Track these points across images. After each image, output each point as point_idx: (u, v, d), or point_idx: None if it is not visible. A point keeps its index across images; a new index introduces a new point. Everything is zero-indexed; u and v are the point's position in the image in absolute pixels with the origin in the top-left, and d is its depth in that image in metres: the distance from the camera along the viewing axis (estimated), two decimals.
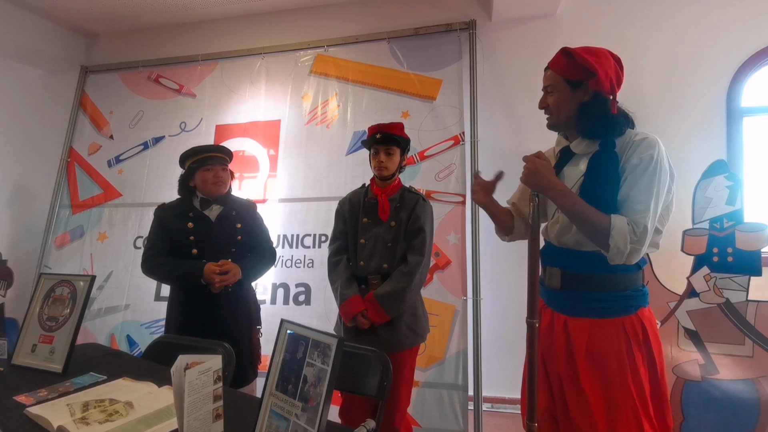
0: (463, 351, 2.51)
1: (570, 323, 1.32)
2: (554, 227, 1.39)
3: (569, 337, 1.32)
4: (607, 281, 1.30)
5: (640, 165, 1.22)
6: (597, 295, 1.30)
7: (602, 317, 1.28)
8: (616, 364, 1.25)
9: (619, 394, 1.23)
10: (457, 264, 2.59)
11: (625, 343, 1.26)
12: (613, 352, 1.25)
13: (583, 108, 1.32)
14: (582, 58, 1.29)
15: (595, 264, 1.30)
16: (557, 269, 1.36)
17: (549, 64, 1.40)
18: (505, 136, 2.86)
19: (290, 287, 2.83)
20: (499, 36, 2.91)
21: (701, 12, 2.62)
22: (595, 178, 1.27)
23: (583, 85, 1.31)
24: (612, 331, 1.27)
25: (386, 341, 1.79)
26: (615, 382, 1.24)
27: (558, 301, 1.38)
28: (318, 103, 3.04)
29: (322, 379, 0.94)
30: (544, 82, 1.41)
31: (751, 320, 2.07)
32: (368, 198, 1.95)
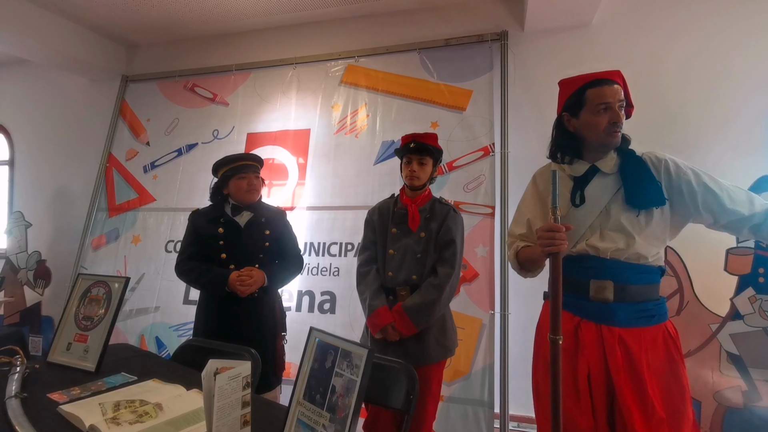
0: (489, 366, 2.44)
1: (625, 335, 1.33)
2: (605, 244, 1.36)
3: (629, 350, 1.31)
4: (652, 291, 1.37)
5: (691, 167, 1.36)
6: (645, 305, 1.35)
7: (651, 325, 1.34)
8: (669, 368, 1.30)
9: (679, 399, 1.28)
10: (485, 277, 2.54)
11: (672, 346, 1.34)
12: (666, 357, 1.32)
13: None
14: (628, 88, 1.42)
15: (645, 275, 1.36)
16: (609, 282, 1.35)
17: (617, 79, 1.41)
18: (536, 148, 2.78)
19: (315, 295, 2.83)
20: (532, 47, 2.88)
21: (737, 21, 2.52)
22: (639, 177, 1.34)
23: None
24: (660, 337, 1.34)
25: (414, 354, 1.76)
26: (673, 386, 1.29)
27: (610, 313, 1.35)
28: (347, 112, 3.06)
29: (351, 390, 0.93)
30: (617, 96, 1.38)
31: None
32: (398, 208, 1.94)
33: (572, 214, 1.43)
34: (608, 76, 1.40)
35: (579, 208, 1.41)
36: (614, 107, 1.37)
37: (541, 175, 1.59)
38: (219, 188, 2.06)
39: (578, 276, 1.41)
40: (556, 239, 1.26)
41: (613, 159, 1.41)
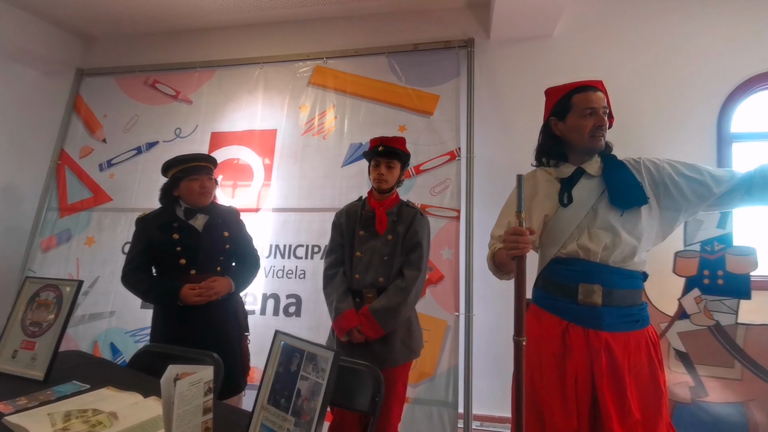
0: (453, 368, 2.48)
1: (611, 340, 1.36)
2: (595, 244, 1.39)
3: (613, 355, 1.35)
4: (636, 295, 1.42)
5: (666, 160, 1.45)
6: (630, 310, 1.39)
7: (635, 330, 1.39)
8: (650, 372, 1.36)
9: (655, 402, 1.33)
10: (450, 279, 2.58)
11: (653, 352, 1.39)
12: (647, 361, 1.36)
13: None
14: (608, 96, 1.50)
15: (631, 280, 1.41)
16: (598, 285, 1.38)
17: (600, 87, 1.48)
18: (501, 153, 2.89)
19: (281, 298, 2.79)
20: (497, 55, 2.96)
21: (693, 37, 2.70)
22: (620, 179, 1.42)
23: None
24: (642, 342, 1.38)
25: (380, 356, 1.77)
26: (650, 391, 1.34)
27: (598, 317, 1.38)
28: (315, 114, 3.04)
29: (316, 393, 0.92)
30: (599, 102, 1.46)
31: (740, 343, 2.08)
32: (366, 211, 1.94)
33: (560, 214, 1.46)
34: (593, 84, 1.47)
35: (567, 208, 1.45)
36: (599, 112, 1.44)
37: (526, 180, 1.60)
38: (169, 190, 1.95)
39: (567, 280, 1.43)
40: (520, 243, 1.29)
41: (597, 162, 1.47)
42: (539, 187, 1.54)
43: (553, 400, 1.38)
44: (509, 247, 1.31)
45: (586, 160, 1.48)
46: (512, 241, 1.31)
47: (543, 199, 1.51)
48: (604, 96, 1.46)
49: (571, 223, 1.43)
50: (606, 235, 1.39)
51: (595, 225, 1.41)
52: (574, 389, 1.36)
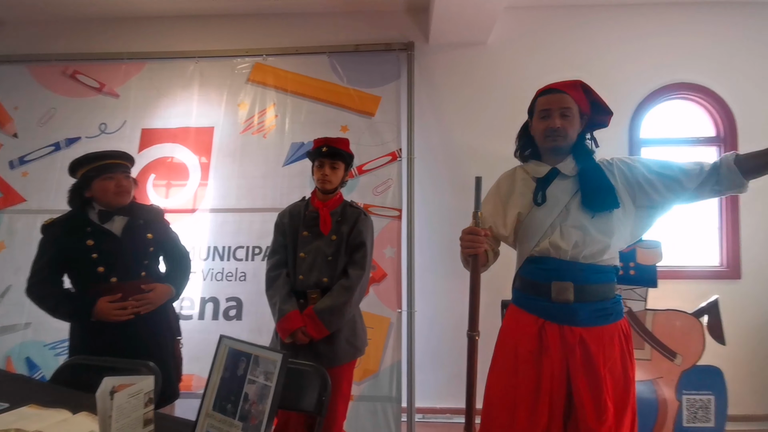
0: (397, 363, 2.55)
1: (586, 335, 1.39)
2: (566, 242, 1.42)
3: (588, 349, 1.39)
4: (608, 289, 1.45)
5: (638, 159, 1.51)
6: (603, 304, 1.42)
7: (608, 323, 1.42)
8: (621, 364, 1.41)
9: (624, 391, 1.39)
10: (393, 277, 2.64)
11: (625, 344, 1.43)
12: (619, 354, 1.41)
13: (581, 137, 1.53)
14: (598, 97, 1.51)
15: (602, 275, 1.43)
16: (569, 283, 1.41)
17: (564, 89, 1.48)
18: (441, 154, 2.99)
19: (220, 301, 2.70)
20: (436, 59, 3.06)
21: (610, 50, 2.96)
22: (595, 183, 1.44)
23: (584, 118, 1.52)
24: (616, 335, 1.42)
25: (325, 356, 1.78)
26: (621, 382, 1.40)
27: (571, 314, 1.41)
28: (255, 112, 2.97)
29: (264, 396, 0.92)
30: (558, 103, 1.47)
31: (649, 327, 2.33)
32: (309, 211, 1.94)
33: (534, 212, 1.49)
34: (557, 85, 1.50)
35: (540, 207, 1.48)
36: (553, 114, 1.46)
37: (505, 178, 1.65)
38: (79, 191, 1.79)
39: (540, 278, 1.47)
40: (475, 242, 1.35)
41: (572, 163, 1.50)
42: (516, 185, 1.58)
43: (527, 398, 1.41)
44: (464, 246, 1.37)
45: (560, 160, 1.51)
46: (467, 240, 1.37)
47: (518, 197, 1.55)
48: (567, 97, 1.47)
49: (544, 221, 1.47)
50: (577, 234, 1.42)
51: (567, 223, 1.44)
52: (549, 386, 1.40)
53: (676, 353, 2.30)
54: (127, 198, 1.84)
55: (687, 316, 2.33)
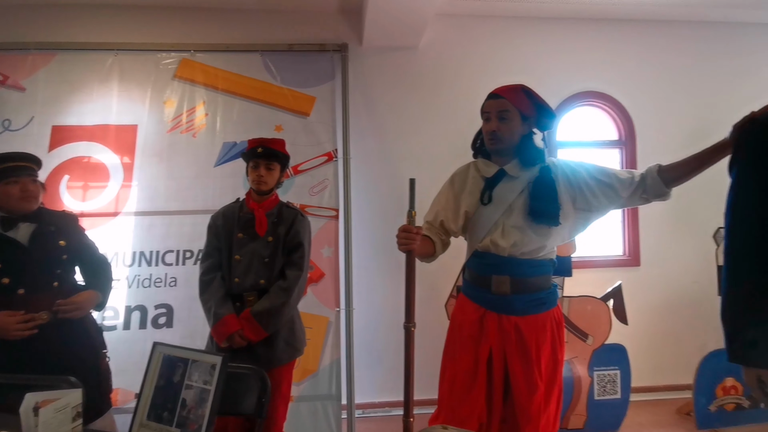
0: (336, 361, 2.58)
1: (521, 323, 1.54)
2: (505, 241, 1.54)
3: (522, 336, 1.54)
4: (544, 281, 1.60)
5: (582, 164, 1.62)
6: (538, 295, 1.57)
7: (541, 312, 1.57)
8: (551, 348, 1.57)
9: (553, 372, 1.57)
10: (331, 276, 2.67)
11: (556, 330, 1.60)
12: (550, 339, 1.58)
13: (525, 139, 1.59)
14: (541, 99, 1.60)
15: (539, 268, 1.58)
16: (506, 277, 1.55)
17: (503, 94, 1.57)
18: (376, 154, 3.06)
19: (148, 309, 2.56)
20: (370, 61, 3.12)
21: (531, 58, 3.20)
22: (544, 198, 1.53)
23: (529, 121, 1.58)
24: (548, 322, 1.58)
25: (264, 358, 1.77)
26: (551, 363, 1.57)
27: (507, 304, 1.56)
28: (183, 110, 2.85)
29: (204, 400, 0.92)
30: (496, 107, 1.56)
31: (566, 312, 2.56)
32: (244, 212, 1.91)
33: (480, 211, 1.60)
34: (498, 90, 1.60)
35: (487, 206, 1.58)
36: (492, 117, 1.56)
37: (459, 174, 1.74)
38: None
39: (482, 272, 1.61)
40: (409, 239, 1.43)
41: (517, 165, 1.58)
42: (468, 183, 1.67)
43: (465, 378, 1.56)
44: (400, 243, 1.44)
45: (507, 161, 1.60)
46: (402, 238, 1.44)
47: (468, 195, 1.65)
48: (505, 101, 1.55)
49: (489, 219, 1.57)
50: (516, 234, 1.54)
51: (509, 223, 1.55)
52: (485, 367, 1.55)
53: (588, 334, 2.56)
54: (33, 203, 1.71)
55: (596, 300, 2.60)
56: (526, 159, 1.59)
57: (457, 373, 1.61)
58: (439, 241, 1.67)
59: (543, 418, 1.54)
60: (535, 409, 1.52)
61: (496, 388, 1.57)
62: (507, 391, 1.59)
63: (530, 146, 1.60)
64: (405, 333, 1.37)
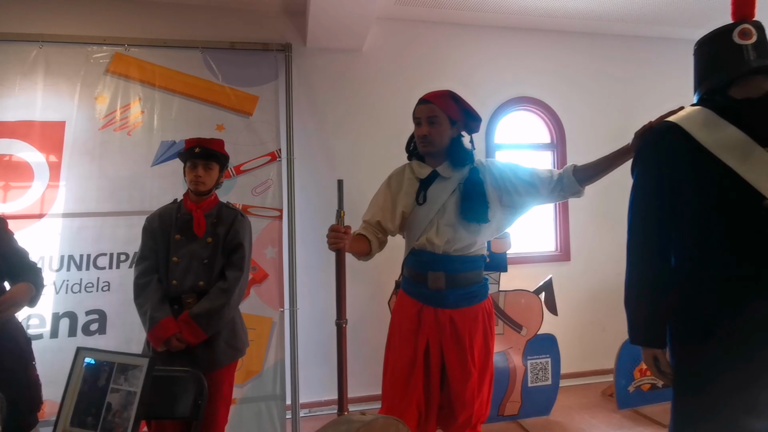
0: (280, 361, 2.58)
1: (455, 315, 1.65)
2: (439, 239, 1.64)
3: (456, 327, 1.65)
4: (476, 276, 1.70)
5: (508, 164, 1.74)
6: (470, 289, 1.68)
7: (474, 304, 1.68)
8: (483, 338, 1.69)
9: (485, 360, 1.69)
10: (275, 277, 2.66)
11: (487, 320, 1.72)
12: (482, 329, 1.69)
13: (454, 142, 1.70)
14: (467, 104, 1.71)
15: (471, 264, 1.68)
16: (441, 273, 1.65)
17: (431, 99, 1.66)
18: (321, 155, 3.08)
19: (78, 316, 2.44)
20: (314, 62, 3.13)
21: (470, 64, 3.34)
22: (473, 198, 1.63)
23: (458, 124, 1.70)
24: (480, 314, 1.70)
25: (204, 360, 1.75)
26: (483, 352, 1.69)
27: (442, 299, 1.66)
28: (117, 106, 2.72)
29: (130, 403, 0.92)
30: (425, 112, 1.66)
31: (502, 306, 2.72)
32: (181, 213, 1.88)
33: (416, 211, 1.69)
34: (427, 96, 1.69)
35: (422, 206, 1.68)
36: (422, 122, 1.66)
37: (396, 175, 1.81)
38: None
39: (419, 268, 1.70)
40: (337, 238, 1.48)
41: (448, 166, 1.69)
42: (404, 184, 1.76)
43: (405, 369, 1.66)
44: (329, 242, 1.49)
45: (440, 163, 1.70)
46: (332, 237, 1.49)
47: (404, 196, 1.74)
48: (434, 107, 1.65)
49: (424, 218, 1.67)
50: (449, 231, 1.64)
51: (443, 221, 1.65)
52: (422, 358, 1.65)
53: (522, 326, 2.72)
54: None
55: (529, 294, 2.77)
56: (457, 160, 1.70)
57: (396, 365, 1.69)
58: (375, 240, 1.73)
59: (476, 402, 1.66)
60: (469, 395, 1.64)
61: (434, 377, 1.67)
62: (444, 380, 1.69)
63: (460, 148, 1.71)
64: (337, 330, 1.42)
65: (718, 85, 1.20)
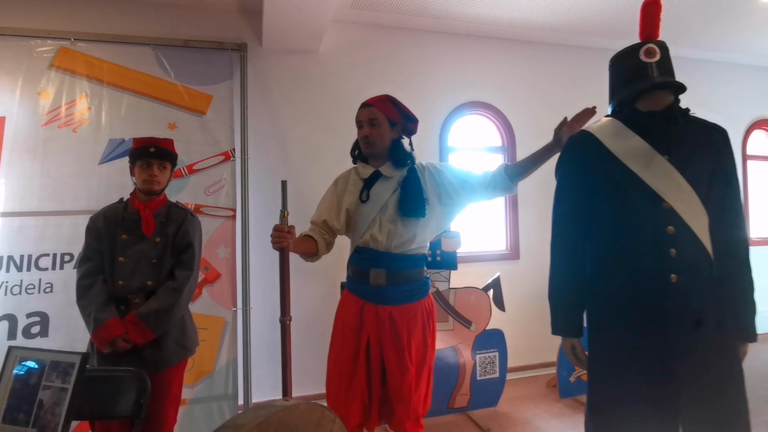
0: (233, 361, 2.58)
1: (395, 312, 1.71)
2: (382, 235, 1.71)
3: (395, 324, 1.70)
4: (417, 274, 1.77)
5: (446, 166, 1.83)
6: (410, 286, 1.74)
7: (413, 302, 1.74)
8: (422, 335, 1.75)
9: (423, 355, 1.74)
10: (228, 277, 2.66)
11: (427, 317, 1.78)
12: (421, 326, 1.75)
13: (395, 143, 1.79)
14: (405, 108, 1.81)
15: (412, 262, 1.75)
16: (383, 270, 1.70)
17: (372, 103, 1.77)
18: (276, 155, 3.10)
19: (18, 318, 2.36)
20: (270, 62, 3.14)
21: (423, 69, 3.44)
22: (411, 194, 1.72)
23: (398, 126, 1.79)
24: (419, 311, 1.76)
25: (152, 360, 1.74)
26: (421, 348, 1.74)
27: (383, 295, 1.71)
28: (61, 102, 2.64)
29: (62, 399, 0.93)
30: (366, 115, 1.76)
31: (452, 302, 2.82)
32: (128, 213, 1.86)
33: (360, 208, 1.76)
34: (368, 100, 1.79)
35: (365, 203, 1.74)
36: (364, 125, 1.75)
37: (342, 178, 1.89)
38: None
39: (362, 266, 1.75)
40: (280, 237, 1.52)
41: (390, 166, 1.78)
42: (349, 184, 1.83)
43: (348, 366, 1.71)
44: (273, 241, 1.53)
45: (382, 164, 1.79)
46: (275, 236, 1.53)
47: (348, 195, 1.80)
48: (374, 109, 1.75)
49: (368, 216, 1.73)
50: (390, 227, 1.72)
51: (385, 218, 1.72)
52: (365, 354, 1.70)
53: (471, 322, 2.84)
54: None
55: (478, 291, 2.89)
56: (398, 160, 1.80)
57: (339, 361, 1.75)
58: (322, 241, 1.79)
59: (414, 397, 1.73)
60: (406, 390, 1.70)
61: (374, 372, 1.73)
62: (385, 375, 1.76)
63: (400, 149, 1.82)
64: (281, 327, 1.46)
65: (627, 99, 1.33)
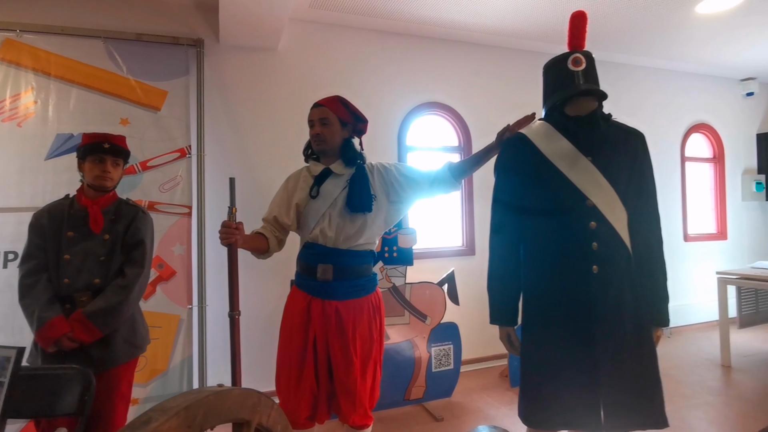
0: (188, 359, 2.57)
1: (341, 307, 1.75)
2: (331, 230, 1.75)
3: (341, 318, 1.74)
4: (364, 270, 1.82)
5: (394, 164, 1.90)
6: (358, 281, 1.78)
7: (360, 297, 1.79)
8: (368, 329, 1.79)
9: (369, 349, 1.79)
10: (183, 274, 2.64)
11: (374, 312, 1.82)
12: (367, 320, 1.79)
13: (346, 142, 1.85)
14: (355, 108, 1.87)
15: (359, 258, 1.79)
16: (330, 265, 1.75)
17: (323, 103, 1.82)
18: (233, 152, 3.08)
19: None
20: (227, 59, 3.12)
21: (381, 69, 3.51)
22: (358, 190, 1.77)
23: (348, 126, 1.85)
24: (366, 306, 1.80)
25: (99, 359, 1.73)
26: (367, 342, 1.79)
27: (330, 290, 1.75)
28: (6, 95, 2.55)
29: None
30: (318, 115, 1.81)
31: (408, 297, 2.91)
32: (75, 210, 1.83)
33: (310, 204, 1.80)
34: (320, 101, 1.84)
35: (315, 199, 1.78)
36: (315, 123, 1.80)
37: (293, 177, 1.92)
38: None
39: (310, 261, 1.79)
40: (229, 234, 1.55)
41: (341, 164, 1.82)
42: (300, 181, 1.87)
43: (296, 361, 1.75)
44: (221, 237, 1.56)
45: (333, 161, 1.83)
46: (223, 233, 1.56)
47: (299, 191, 1.84)
48: (325, 109, 1.80)
49: (318, 211, 1.78)
50: (339, 221, 1.77)
51: (335, 214, 1.77)
52: (312, 349, 1.74)
53: (426, 316, 2.93)
54: None
55: (434, 285, 2.98)
56: (348, 159, 1.86)
57: (287, 356, 1.79)
58: (273, 238, 1.83)
59: (360, 390, 1.78)
60: (352, 383, 1.75)
61: (321, 367, 1.77)
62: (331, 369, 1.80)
63: (351, 148, 1.88)
64: (230, 321, 1.48)
65: (556, 104, 1.44)
